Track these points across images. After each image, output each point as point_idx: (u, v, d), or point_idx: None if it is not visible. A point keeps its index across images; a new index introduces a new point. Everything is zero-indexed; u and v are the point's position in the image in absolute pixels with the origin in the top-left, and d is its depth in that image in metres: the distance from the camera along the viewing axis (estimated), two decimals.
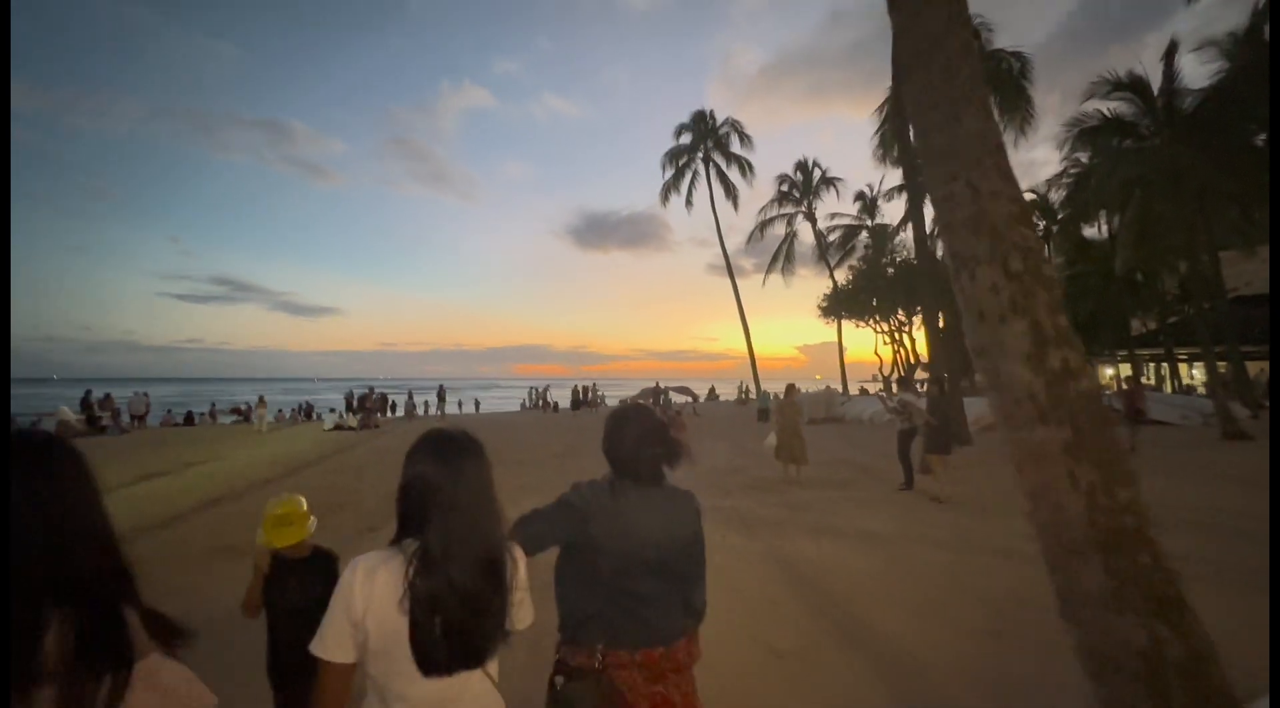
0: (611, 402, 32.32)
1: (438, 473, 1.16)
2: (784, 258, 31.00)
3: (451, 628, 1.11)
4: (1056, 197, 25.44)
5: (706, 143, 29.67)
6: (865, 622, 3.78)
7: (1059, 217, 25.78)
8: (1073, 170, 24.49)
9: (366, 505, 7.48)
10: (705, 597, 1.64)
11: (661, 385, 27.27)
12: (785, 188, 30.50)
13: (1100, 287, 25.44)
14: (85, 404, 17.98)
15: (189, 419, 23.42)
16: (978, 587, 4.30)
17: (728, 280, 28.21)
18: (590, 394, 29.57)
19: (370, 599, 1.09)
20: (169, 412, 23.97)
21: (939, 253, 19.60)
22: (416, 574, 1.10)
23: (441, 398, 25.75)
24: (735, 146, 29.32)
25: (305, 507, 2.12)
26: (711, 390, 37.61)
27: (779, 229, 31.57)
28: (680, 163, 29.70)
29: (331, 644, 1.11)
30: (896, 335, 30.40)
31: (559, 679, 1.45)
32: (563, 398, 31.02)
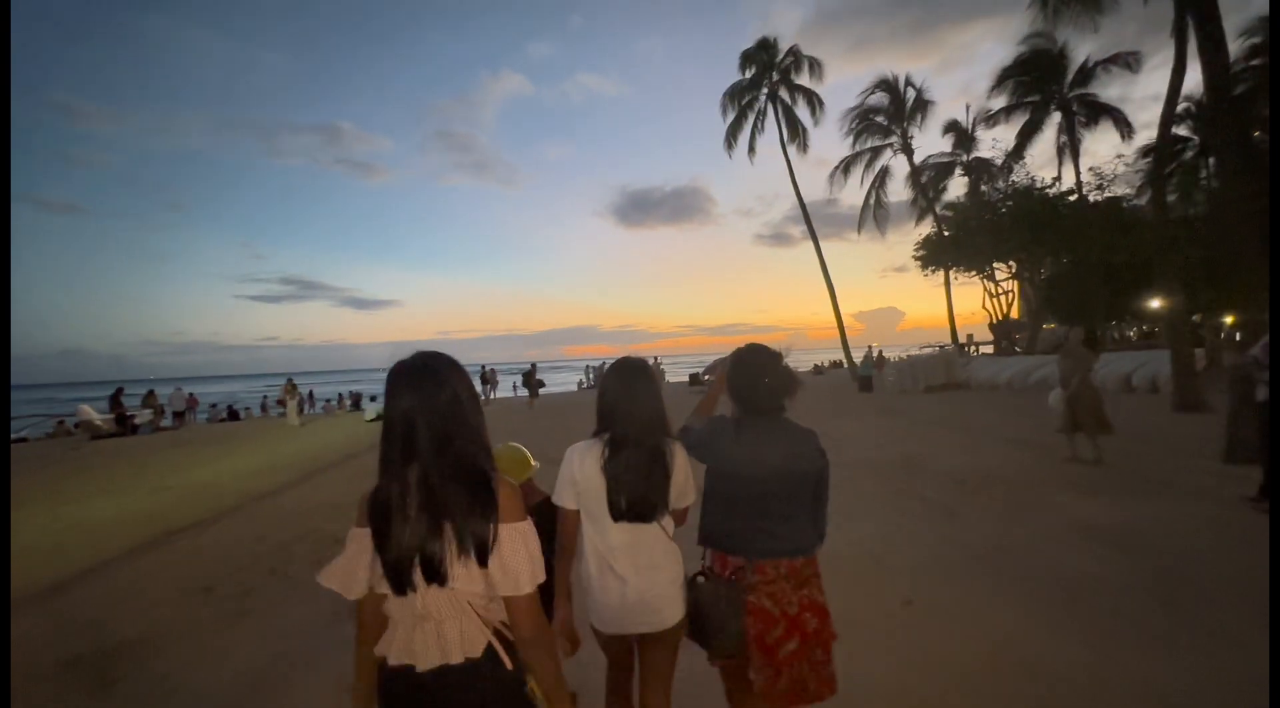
0: (674, 378, 29.58)
1: (618, 387, 1.63)
2: (875, 202, 26.50)
3: (630, 492, 1.56)
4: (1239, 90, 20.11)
5: (771, 76, 25.52)
6: None
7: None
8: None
9: None
10: (826, 521, 1.77)
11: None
12: (857, 122, 25.69)
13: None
14: (115, 403, 16.47)
15: (233, 414, 22.10)
16: None
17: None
18: (654, 369, 26.64)
19: (582, 469, 1.60)
20: (214, 406, 22.79)
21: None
22: (608, 455, 1.58)
23: (487, 381, 23.05)
24: (803, 79, 25.04)
25: (525, 457, 2.11)
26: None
27: (857, 176, 27.15)
28: (742, 103, 25.68)
29: (563, 498, 1.64)
30: (1016, 283, 25.86)
31: (699, 579, 1.70)
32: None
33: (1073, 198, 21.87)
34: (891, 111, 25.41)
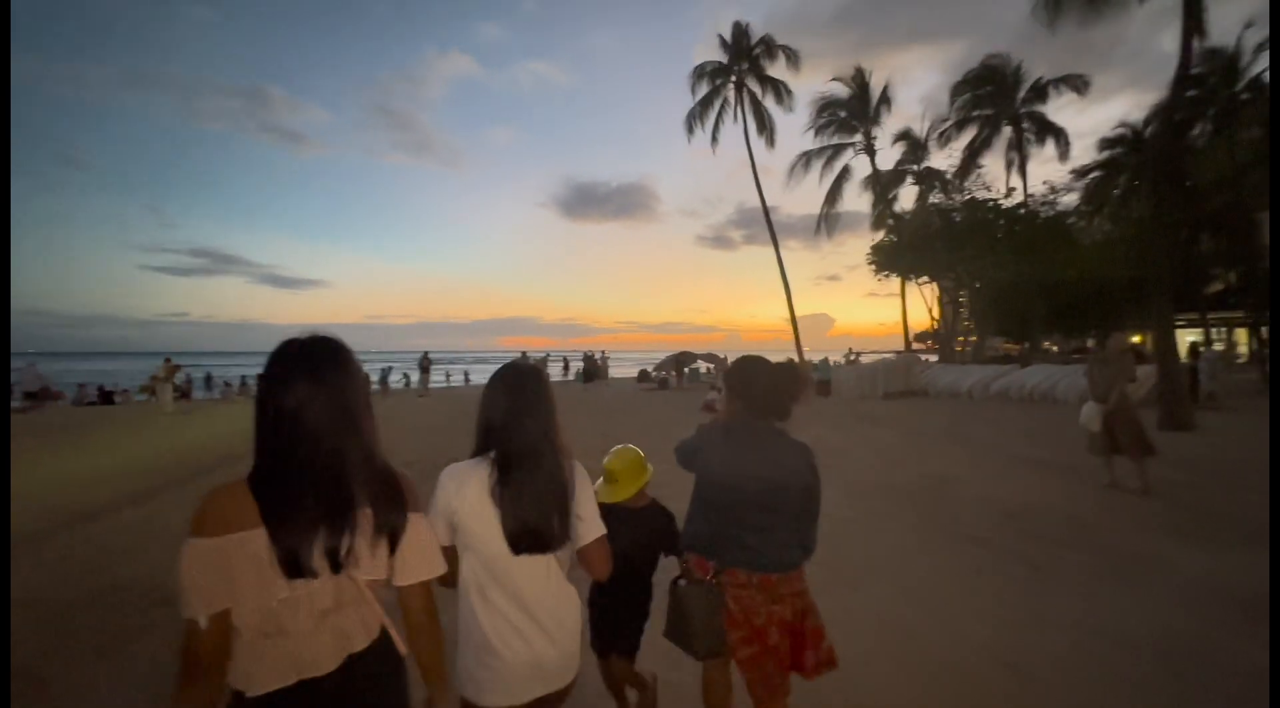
0: (620, 373, 28.33)
1: (503, 398, 1.37)
2: (832, 203, 26.00)
3: (528, 518, 1.30)
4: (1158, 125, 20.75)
5: (741, 65, 24.48)
6: None
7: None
8: (1189, 90, 19.96)
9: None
10: (816, 537, 1.71)
11: (688, 353, 23.83)
12: (824, 116, 25.14)
13: (1189, 237, 21.18)
14: None
15: (106, 397, 18.83)
16: None
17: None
18: (602, 364, 25.22)
19: (462, 496, 1.30)
20: (82, 386, 19.35)
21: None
22: (497, 478, 1.31)
23: (425, 369, 21.18)
24: (776, 70, 24.11)
25: (642, 460, 1.96)
26: (725, 360, 33.61)
27: (815, 173, 26.67)
28: (715, 83, 24.38)
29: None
30: (939, 294, 26.17)
31: (681, 582, 1.69)
32: (556, 368, 26.78)
33: (1022, 212, 22.16)
34: (855, 107, 25.01)
